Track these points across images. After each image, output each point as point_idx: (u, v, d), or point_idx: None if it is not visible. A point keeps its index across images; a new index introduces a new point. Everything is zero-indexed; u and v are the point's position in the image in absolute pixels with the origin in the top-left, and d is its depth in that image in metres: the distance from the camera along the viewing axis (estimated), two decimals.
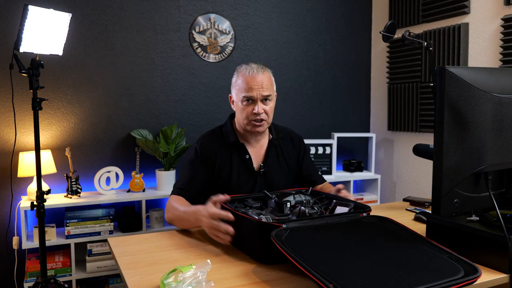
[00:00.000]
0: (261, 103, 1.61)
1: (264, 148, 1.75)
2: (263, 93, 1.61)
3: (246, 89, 1.60)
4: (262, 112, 1.62)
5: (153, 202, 2.90)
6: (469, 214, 1.20)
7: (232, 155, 1.69)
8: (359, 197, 3.41)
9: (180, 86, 3.01)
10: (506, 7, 2.61)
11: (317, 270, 0.90)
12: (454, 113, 1.12)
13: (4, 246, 2.53)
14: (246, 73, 1.62)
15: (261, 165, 1.71)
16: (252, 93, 1.60)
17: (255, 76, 1.60)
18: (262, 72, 1.62)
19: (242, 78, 1.62)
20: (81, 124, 2.76)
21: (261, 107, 1.61)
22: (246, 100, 1.61)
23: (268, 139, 1.76)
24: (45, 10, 1.96)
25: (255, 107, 1.60)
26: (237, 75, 1.66)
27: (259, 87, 1.60)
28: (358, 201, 1.37)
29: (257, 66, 1.64)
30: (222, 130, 1.74)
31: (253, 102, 1.61)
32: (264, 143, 1.76)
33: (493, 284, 1.05)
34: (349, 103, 3.64)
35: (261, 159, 1.74)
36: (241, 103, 1.63)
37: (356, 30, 3.62)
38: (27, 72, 1.99)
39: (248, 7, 3.19)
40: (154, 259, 1.21)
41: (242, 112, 1.64)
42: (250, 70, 1.62)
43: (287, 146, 1.81)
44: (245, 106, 1.62)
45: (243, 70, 1.64)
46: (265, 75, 1.63)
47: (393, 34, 1.91)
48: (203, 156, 1.67)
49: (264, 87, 1.61)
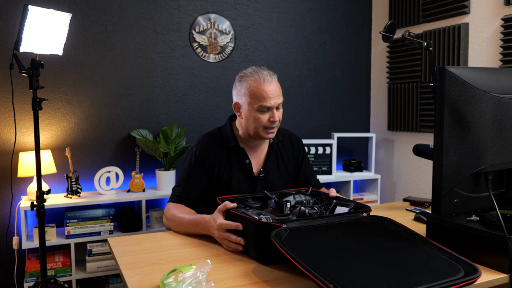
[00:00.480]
0: (275, 110, 1.60)
1: (264, 153, 1.73)
2: (279, 101, 1.60)
3: (262, 98, 1.55)
4: (278, 120, 1.61)
5: (153, 202, 2.90)
6: (469, 214, 1.20)
7: (232, 159, 1.66)
8: (359, 197, 3.41)
9: (180, 86, 3.01)
10: (506, 7, 2.61)
11: (317, 270, 0.90)
12: (454, 113, 1.12)
13: (4, 246, 2.53)
14: (259, 80, 1.56)
15: (261, 170, 1.69)
16: (270, 102, 1.56)
17: (270, 84, 1.57)
18: (275, 79, 1.60)
19: (255, 86, 1.56)
20: (81, 124, 2.76)
21: (276, 114, 1.60)
22: (262, 109, 1.57)
23: (269, 143, 1.74)
24: (45, 10, 1.96)
25: (272, 115, 1.58)
26: (246, 82, 1.59)
27: (276, 96, 1.58)
28: (358, 201, 1.37)
29: (267, 72, 1.59)
30: (222, 133, 1.71)
31: (268, 110, 1.58)
32: (264, 148, 1.73)
33: (493, 284, 1.05)
34: (349, 103, 3.64)
35: (261, 164, 1.71)
36: (255, 112, 1.58)
37: (356, 30, 3.62)
38: (27, 72, 1.99)
39: (248, 7, 3.19)
40: (154, 259, 1.21)
41: (257, 120, 1.58)
42: (262, 77, 1.57)
43: (286, 149, 1.79)
44: (259, 115, 1.58)
45: (252, 76, 1.58)
46: (276, 82, 1.61)
47: (393, 34, 1.91)
48: (202, 160, 1.63)
49: (278, 94, 1.60)
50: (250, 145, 1.69)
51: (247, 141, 1.69)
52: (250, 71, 1.60)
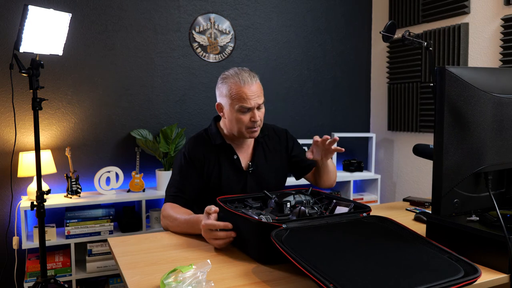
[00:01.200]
0: (256, 110, 1.64)
1: (251, 148, 1.77)
2: (259, 101, 1.64)
3: (242, 99, 1.60)
4: (259, 120, 1.65)
5: (153, 202, 2.90)
6: (469, 214, 1.20)
7: (220, 156, 1.70)
8: (359, 197, 3.41)
9: (180, 86, 3.01)
10: (506, 7, 2.61)
11: (317, 270, 0.90)
12: (454, 113, 1.12)
13: (4, 246, 2.53)
14: (239, 82, 1.60)
15: (249, 164, 1.73)
16: (250, 103, 1.60)
17: (250, 86, 1.61)
18: (255, 81, 1.64)
19: (236, 88, 1.60)
20: (81, 124, 2.76)
21: (257, 114, 1.64)
22: (242, 109, 1.62)
23: (254, 139, 1.77)
24: (45, 10, 1.96)
25: (253, 116, 1.62)
26: (227, 83, 1.63)
27: (255, 96, 1.61)
28: (358, 201, 1.37)
29: (248, 74, 1.63)
30: (208, 133, 1.75)
31: (249, 110, 1.63)
32: (250, 143, 1.77)
33: (493, 284, 1.05)
34: (349, 103, 3.64)
35: (249, 158, 1.76)
36: (236, 112, 1.62)
37: (356, 30, 3.62)
38: (27, 72, 1.99)
39: (248, 7, 3.19)
40: (154, 259, 1.21)
41: (238, 121, 1.63)
42: (243, 79, 1.60)
43: (273, 141, 1.83)
44: (240, 116, 1.62)
45: (233, 78, 1.62)
46: (257, 83, 1.65)
47: (393, 34, 1.91)
48: (192, 160, 1.67)
49: (259, 95, 1.63)
50: (236, 142, 1.74)
51: (233, 139, 1.73)
52: (231, 73, 1.64)
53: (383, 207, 1.88)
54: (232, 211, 1.27)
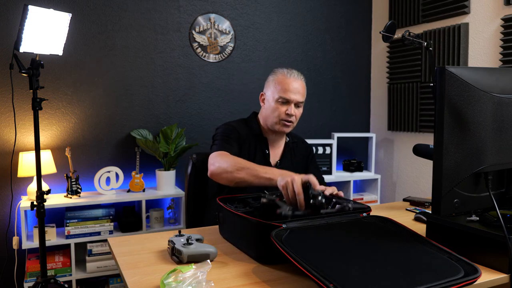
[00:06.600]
0: (294, 106, 1.70)
1: (281, 148, 1.84)
2: (299, 99, 1.71)
3: (285, 90, 1.68)
4: (294, 115, 1.70)
5: (153, 202, 2.90)
6: (469, 214, 1.20)
7: (255, 145, 1.76)
8: (359, 197, 3.41)
9: (180, 86, 3.01)
10: (506, 7, 2.61)
11: (317, 270, 0.90)
12: (454, 113, 1.12)
13: (4, 246, 2.53)
14: (286, 75, 1.70)
15: (277, 162, 1.79)
16: (290, 95, 1.68)
17: (295, 80, 1.70)
18: (301, 79, 1.74)
19: (282, 78, 1.70)
20: (81, 124, 2.76)
21: (294, 109, 1.70)
22: (281, 100, 1.68)
23: (285, 142, 1.85)
24: (45, 10, 1.96)
25: (289, 108, 1.68)
26: (275, 75, 1.73)
27: (297, 92, 1.70)
28: (358, 201, 1.36)
29: (297, 72, 1.73)
30: (247, 122, 1.81)
31: (287, 103, 1.69)
32: (281, 144, 1.84)
33: (493, 284, 1.05)
34: (349, 103, 3.64)
35: (278, 157, 1.82)
36: (275, 102, 1.69)
37: (356, 30, 3.62)
38: (27, 72, 1.99)
39: (248, 7, 3.19)
40: (154, 259, 1.21)
41: (275, 111, 1.70)
42: (291, 73, 1.71)
43: (300, 151, 1.89)
44: (279, 106, 1.69)
45: (283, 71, 1.72)
46: (302, 82, 1.74)
47: (393, 34, 1.91)
48: (234, 133, 1.72)
49: (300, 93, 1.72)
50: (270, 138, 1.79)
51: (267, 134, 1.79)
52: (282, 68, 1.75)
53: (383, 207, 1.88)
54: (232, 211, 1.26)
